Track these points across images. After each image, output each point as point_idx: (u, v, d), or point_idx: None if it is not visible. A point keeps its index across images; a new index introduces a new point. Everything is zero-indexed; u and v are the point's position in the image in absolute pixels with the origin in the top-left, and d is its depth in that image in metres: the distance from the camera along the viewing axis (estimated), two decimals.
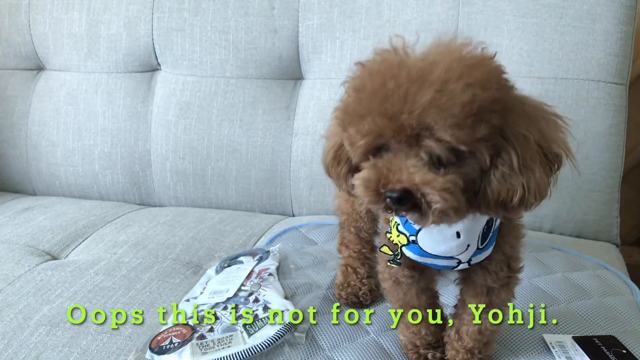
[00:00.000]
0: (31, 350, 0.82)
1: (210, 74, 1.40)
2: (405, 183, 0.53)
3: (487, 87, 0.52)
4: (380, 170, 0.54)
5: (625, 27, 1.17)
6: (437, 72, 0.52)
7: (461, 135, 0.51)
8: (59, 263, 1.07)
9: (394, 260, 0.69)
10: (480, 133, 0.52)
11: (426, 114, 0.51)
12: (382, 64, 0.55)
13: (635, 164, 1.62)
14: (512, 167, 0.55)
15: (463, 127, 0.51)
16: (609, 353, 0.75)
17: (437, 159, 0.53)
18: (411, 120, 0.51)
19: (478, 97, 0.51)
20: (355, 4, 1.30)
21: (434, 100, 0.51)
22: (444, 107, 0.51)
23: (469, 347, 0.73)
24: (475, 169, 0.55)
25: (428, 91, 0.51)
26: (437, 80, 0.51)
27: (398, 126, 0.52)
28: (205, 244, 1.15)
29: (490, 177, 0.56)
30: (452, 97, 0.51)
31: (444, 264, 0.68)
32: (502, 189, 0.55)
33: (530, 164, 0.55)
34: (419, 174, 0.53)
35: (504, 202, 0.56)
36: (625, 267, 1.14)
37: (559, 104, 1.18)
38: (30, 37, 1.50)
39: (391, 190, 0.53)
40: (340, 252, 0.94)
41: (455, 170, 0.54)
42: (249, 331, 0.79)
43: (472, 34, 1.23)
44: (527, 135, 0.55)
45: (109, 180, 1.47)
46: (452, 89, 0.51)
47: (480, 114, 0.52)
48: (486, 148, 0.54)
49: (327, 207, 1.33)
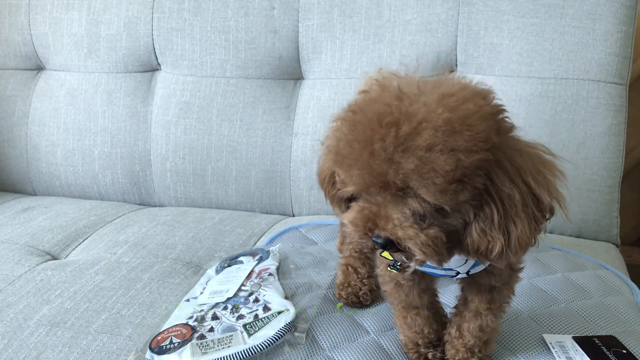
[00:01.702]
0: (31, 350, 0.82)
1: (210, 74, 1.40)
2: (390, 234, 0.55)
3: (472, 152, 0.53)
4: (367, 215, 0.56)
5: (625, 27, 1.17)
6: (423, 137, 0.52)
7: (444, 200, 0.53)
8: (59, 263, 1.07)
9: (394, 265, 0.69)
10: (464, 197, 0.54)
11: (410, 179, 0.52)
12: (373, 117, 0.55)
13: (635, 164, 1.63)
14: (492, 223, 0.56)
15: (446, 193, 0.53)
16: (609, 353, 0.75)
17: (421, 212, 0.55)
18: (397, 181, 0.53)
19: (462, 164, 0.52)
20: (355, 4, 1.30)
21: (417, 168, 0.52)
22: (426, 176, 0.52)
23: (469, 345, 0.73)
24: (459, 220, 0.57)
25: (412, 158, 0.52)
26: (422, 147, 0.52)
27: (384, 182, 0.54)
28: (205, 244, 1.15)
29: (471, 229, 0.57)
30: (434, 166, 0.51)
31: (442, 273, 0.69)
32: (481, 242, 0.57)
33: (514, 218, 0.56)
34: (402, 229, 0.55)
35: (484, 253, 0.58)
36: (625, 267, 1.14)
37: (559, 104, 1.19)
38: (30, 37, 1.50)
39: (377, 236, 0.56)
40: (341, 252, 0.94)
41: (439, 222, 0.56)
42: (249, 331, 0.79)
43: (472, 34, 1.23)
44: (511, 194, 0.56)
45: (109, 180, 1.47)
46: (435, 157, 0.51)
47: (463, 179, 0.53)
48: (470, 205, 0.55)
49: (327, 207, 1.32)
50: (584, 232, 1.24)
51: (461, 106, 0.54)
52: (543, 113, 1.20)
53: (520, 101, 1.20)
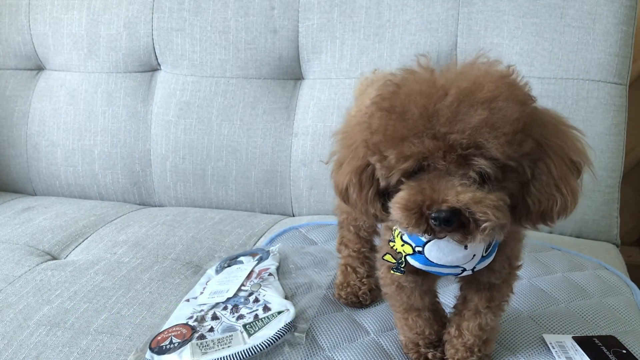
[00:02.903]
0: (31, 350, 0.82)
1: (210, 74, 1.40)
2: (454, 203, 0.52)
3: (527, 104, 0.54)
4: (423, 191, 0.54)
5: (625, 27, 1.17)
6: (484, 91, 0.52)
7: (511, 152, 0.53)
8: (59, 263, 1.07)
9: (398, 268, 0.69)
10: (527, 147, 0.54)
11: (478, 133, 0.52)
12: (422, 85, 0.54)
13: (635, 164, 1.62)
14: (551, 176, 0.56)
15: (513, 144, 0.53)
16: (609, 353, 0.75)
17: (481, 177, 0.54)
18: (462, 140, 0.52)
19: (523, 114, 0.53)
20: (355, 4, 1.30)
21: (487, 119, 0.51)
22: (496, 126, 0.52)
23: (469, 344, 0.73)
24: (516, 183, 0.56)
25: (479, 111, 0.51)
26: (486, 100, 0.52)
27: (448, 146, 0.52)
28: (205, 244, 1.15)
29: (530, 188, 0.57)
30: (503, 115, 0.52)
31: (448, 272, 0.68)
32: (542, 199, 0.57)
33: (566, 172, 0.57)
34: (468, 194, 0.53)
35: (544, 212, 0.57)
36: (625, 267, 1.14)
37: (559, 104, 1.19)
38: (30, 37, 1.50)
39: (438, 210, 0.52)
40: (340, 252, 0.94)
41: (500, 186, 0.55)
42: (249, 331, 0.79)
43: (472, 34, 1.23)
44: (561, 145, 0.57)
45: (109, 180, 1.47)
46: (501, 107, 0.52)
47: (525, 130, 0.53)
48: (528, 161, 0.55)
49: (327, 207, 1.33)
50: (584, 232, 1.24)
51: (501, 68, 0.56)
52: None
53: None
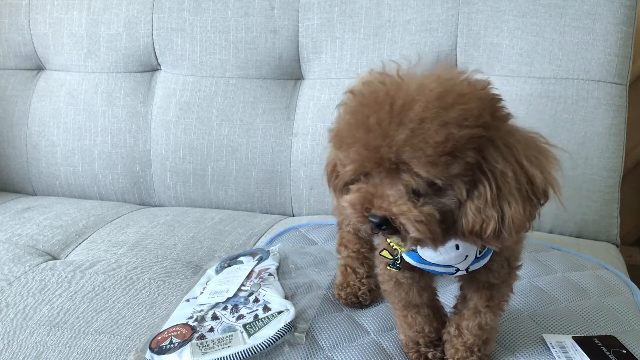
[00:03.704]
0: (31, 350, 0.82)
1: (210, 74, 1.40)
2: (383, 211, 0.56)
3: (463, 126, 0.54)
4: (364, 195, 0.57)
5: (625, 27, 1.17)
6: (415, 110, 0.53)
7: (436, 172, 0.54)
8: (59, 263, 1.07)
9: (394, 264, 0.69)
10: (455, 170, 0.54)
11: (402, 151, 0.53)
12: (370, 95, 0.56)
13: (635, 164, 1.63)
14: (485, 200, 0.56)
15: (437, 165, 0.53)
16: (609, 353, 0.75)
17: (416, 190, 0.56)
18: (390, 155, 0.54)
19: (453, 137, 0.53)
20: (355, 4, 1.30)
21: (408, 139, 0.53)
22: (417, 147, 0.53)
23: (468, 343, 0.73)
24: (454, 199, 0.57)
25: (404, 130, 0.53)
26: (414, 119, 0.53)
27: (378, 158, 0.55)
28: (205, 244, 1.15)
29: (465, 208, 0.57)
30: (425, 137, 0.53)
31: (442, 270, 0.69)
32: (475, 221, 0.57)
33: (508, 197, 0.57)
34: (396, 205, 0.55)
35: (478, 233, 0.58)
36: (625, 267, 1.14)
37: (559, 104, 1.19)
38: (30, 37, 1.50)
39: (373, 215, 0.56)
40: (339, 252, 0.94)
41: (433, 200, 0.56)
42: (249, 331, 0.79)
43: (472, 34, 1.23)
44: (504, 171, 0.56)
45: (109, 180, 1.47)
46: (426, 128, 0.53)
47: (454, 152, 0.54)
48: (463, 182, 0.56)
49: (327, 207, 1.33)
50: (584, 232, 1.24)
51: (455, 85, 0.55)
52: (543, 113, 1.20)
53: (520, 101, 1.20)
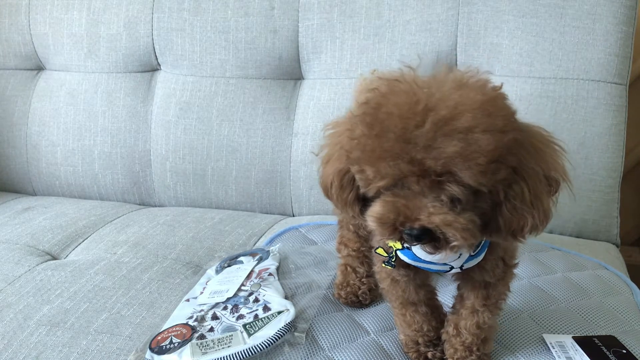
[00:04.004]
0: (31, 350, 0.82)
1: (210, 74, 1.40)
2: (426, 223, 0.54)
3: (506, 132, 0.54)
4: (397, 208, 0.55)
5: (625, 27, 1.17)
6: (461, 121, 0.52)
7: (484, 180, 0.54)
8: (59, 263, 1.07)
9: (389, 262, 0.70)
10: (501, 175, 0.55)
11: (452, 163, 0.52)
12: (402, 106, 0.54)
13: (635, 164, 1.63)
14: (523, 200, 0.57)
15: (486, 173, 0.53)
16: (609, 353, 0.75)
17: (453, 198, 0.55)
18: (437, 167, 0.53)
19: (499, 144, 0.53)
20: (355, 4, 1.30)
21: (461, 151, 0.52)
22: (470, 157, 0.52)
23: (467, 342, 0.73)
24: (488, 203, 0.57)
25: (454, 141, 0.52)
26: (462, 130, 0.52)
27: (422, 171, 0.53)
28: (205, 244, 1.15)
29: (502, 209, 0.58)
30: (477, 147, 0.52)
31: (436, 268, 0.69)
32: (513, 220, 0.58)
33: (539, 194, 0.58)
34: (440, 216, 0.54)
35: (514, 231, 0.59)
36: (625, 267, 1.14)
37: (559, 104, 1.19)
38: (30, 37, 1.50)
39: (410, 228, 0.55)
40: (340, 252, 0.94)
41: (471, 206, 0.56)
42: (249, 331, 0.79)
43: (472, 34, 1.23)
44: (537, 169, 0.57)
45: (109, 180, 1.47)
46: (477, 138, 0.52)
47: (500, 159, 0.54)
48: (502, 185, 0.56)
49: (327, 207, 1.33)
50: (584, 232, 1.24)
51: (484, 90, 0.55)
52: (543, 113, 1.20)
53: (520, 101, 1.20)
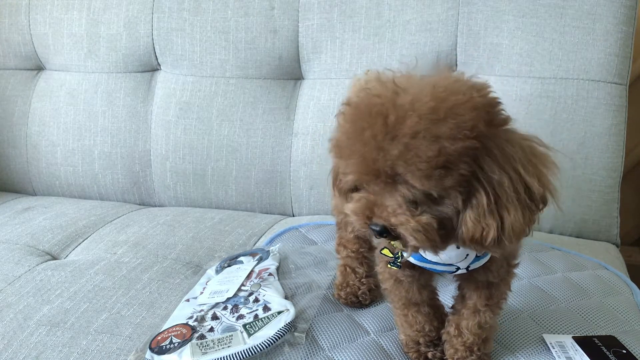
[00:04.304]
0: (31, 350, 0.82)
1: (210, 74, 1.40)
2: (382, 221, 0.58)
3: (456, 139, 0.54)
4: (366, 204, 0.59)
5: (625, 27, 1.17)
6: (407, 125, 0.54)
7: (430, 185, 0.55)
8: (59, 263, 1.07)
9: (395, 262, 0.70)
10: (449, 182, 0.55)
11: (397, 165, 0.54)
12: (365, 108, 0.57)
13: (635, 164, 1.63)
14: (483, 209, 0.57)
15: (431, 178, 0.54)
16: (609, 353, 0.75)
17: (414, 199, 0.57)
18: (386, 168, 0.55)
19: (445, 150, 0.54)
20: (355, 4, 1.30)
21: (402, 154, 0.54)
22: (410, 162, 0.54)
23: (468, 342, 0.73)
24: (451, 208, 0.58)
25: (397, 144, 0.54)
26: (407, 134, 0.54)
27: (376, 170, 0.56)
28: (205, 244, 1.15)
29: (464, 217, 0.58)
30: (417, 152, 0.53)
31: (442, 269, 0.69)
32: (475, 229, 0.58)
33: (506, 205, 0.57)
34: (394, 215, 0.57)
35: (478, 241, 0.58)
36: (625, 267, 1.14)
37: (559, 104, 1.19)
38: (30, 37, 1.50)
39: (374, 224, 0.58)
40: (339, 252, 0.94)
41: (431, 209, 0.57)
42: (249, 331, 0.79)
43: (472, 34, 1.23)
44: (500, 180, 0.57)
45: (109, 180, 1.47)
46: (418, 144, 0.53)
47: (448, 165, 0.54)
48: (458, 192, 0.56)
49: (327, 207, 1.33)
50: (584, 232, 1.24)
51: (449, 96, 0.55)
52: (543, 113, 1.20)
53: (520, 101, 1.20)
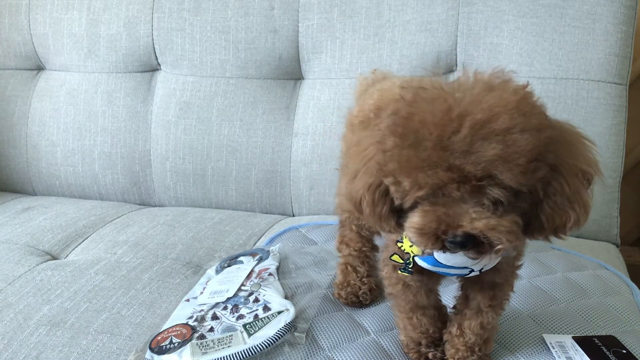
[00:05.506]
0: (31, 350, 0.82)
1: (210, 74, 1.40)
2: (469, 229, 0.54)
3: (542, 130, 0.54)
4: (438, 217, 0.55)
5: (625, 27, 1.17)
6: (499, 123, 0.52)
7: (524, 181, 0.54)
8: (59, 263, 1.07)
9: (405, 268, 0.69)
10: (541, 174, 0.55)
11: (492, 166, 0.52)
12: (435, 114, 0.54)
13: (635, 164, 1.63)
14: (563, 196, 0.57)
15: (527, 173, 0.53)
16: (609, 353, 0.75)
17: (494, 201, 0.55)
18: (477, 172, 0.52)
19: (537, 142, 0.53)
20: (355, 4, 1.30)
21: (501, 153, 0.52)
22: (510, 159, 0.52)
23: (470, 343, 0.73)
24: (528, 202, 0.57)
25: (493, 144, 0.52)
26: (500, 132, 0.52)
27: (462, 177, 0.53)
28: (205, 244, 1.15)
29: (543, 207, 0.58)
30: (517, 148, 0.52)
31: (456, 272, 0.68)
32: (556, 217, 0.58)
33: (578, 189, 0.58)
34: (483, 220, 0.54)
35: (557, 228, 0.59)
36: (625, 267, 1.14)
37: (559, 104, 1.19)
38: (30, 37, 1.50)
39: (454, 235, 0.55)
40: (340, 251, 0.93)
41: (512, 208, 0.56)
42: (249, 331, 0.79)
43: (472, 34, 1.23)
44: (573, 165, 0.57)
45: (109, 180, 1.47)
46: (515, 139, 0.52)
47: (539, 157, 0.54)
48: (541, 183, 0.56)
49: (327, 207, 1.33)
50: (584, 232, 1.24)
51: (515, 90, 0.55)
52: None
53: None
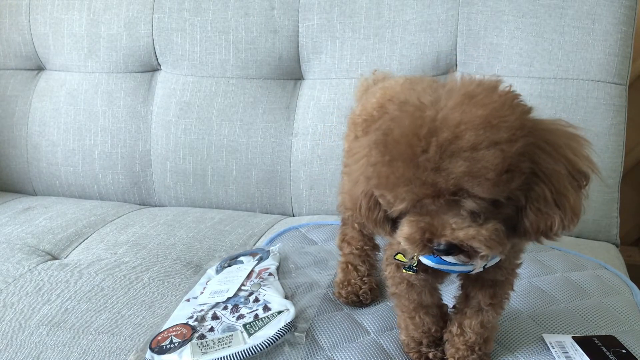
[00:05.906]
0: (31, 350, 0.82)
1: (210, 74, 1.40)
2: (450, 239, 0.55)
3: (513, 141, 0.54)
4: (423, 227, 0.56)
5: (625, 27, 1.17)
6: (464, 141, 0.52)
7: (498, 192, 0.54)
8: (59, 263, 1.07)
9: (410, 267, 0.69)
10: (515, 184, 0.55)
11: (462, 181, 0.53)
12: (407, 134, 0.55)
13: (635, 164, 1.63)
14: (546, 201, 0.57)
15: (499, 185, 0.53)
16: (609, 353, 0.75)
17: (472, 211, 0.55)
18: (449, 187, 0.53)
19: (507, 154, 0.53)
20: (355, 4, 1.30)
21: (468, 169, 0.52)
22: (478, 174, 0.52)
23: (470, 342, 0.73)
24: (512, 208, 0.57)
25: (460, 161, 0.52)
26: (466, 149, 0.52)
27: (435, 191, 0.54)
28: (205, 244, 1.15)
29: (527, 212, 0.58)
30: (485, 163, 0.52)
31: (460, 269, 0.69)
32: (540, 221, 0.58)
33: (564, 192, 0.57)
34: (462, 230, 0.55)
35: (543, 231, 0.58)
36: (625, 267, 1.14)
37: (558, 104, 1.19)
38: (31, 37, 1.50)
39: (437, 244, 0.56)
40: (341, 249, 0.93)
41: (493, 215, 0.56)
42: (249, 331, 0.79)
43: (472, 34, 1.23)
44: (557, 168, 0.57)
45: (109, 180, 1.47)
46: (482, 155, 0.52)
47: (511, 168, 0.54)
48: (521, 190, 0.56)
49: (327, 207, 1.33)
50: (584, 232, 1.24)
51: (489, 102, 0.55)
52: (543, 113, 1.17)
53: None
